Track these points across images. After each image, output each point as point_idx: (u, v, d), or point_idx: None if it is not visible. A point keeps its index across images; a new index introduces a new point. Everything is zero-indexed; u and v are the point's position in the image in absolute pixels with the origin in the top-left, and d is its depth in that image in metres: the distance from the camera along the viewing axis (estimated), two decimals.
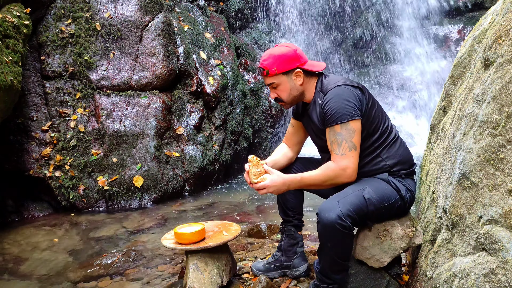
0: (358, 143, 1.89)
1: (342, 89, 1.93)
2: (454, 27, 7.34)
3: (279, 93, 2.07)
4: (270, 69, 2.01)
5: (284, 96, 2.07)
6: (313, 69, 2.04)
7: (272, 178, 1.91)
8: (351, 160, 1.88)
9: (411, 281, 2.04)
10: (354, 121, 1.88)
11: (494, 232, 1.43)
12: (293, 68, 2.01)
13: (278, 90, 2.06)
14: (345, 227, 1.78)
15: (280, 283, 2.29)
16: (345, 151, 1.87)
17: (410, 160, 2.08)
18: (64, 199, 4.27)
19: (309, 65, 2.05)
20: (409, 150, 2.12)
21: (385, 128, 2.04)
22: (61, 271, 2.91)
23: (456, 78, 2.20)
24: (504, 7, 1.64)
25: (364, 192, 1.88)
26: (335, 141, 1.89)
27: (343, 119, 1.87)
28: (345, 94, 1.91)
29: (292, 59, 2.01)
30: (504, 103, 1.45)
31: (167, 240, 2.25)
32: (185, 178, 4.76)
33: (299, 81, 2.03)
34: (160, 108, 4.76)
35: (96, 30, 4.74)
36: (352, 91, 1.93)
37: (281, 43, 2.10)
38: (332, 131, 1.91)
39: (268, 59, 2.03)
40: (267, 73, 2.02)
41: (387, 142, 2.02)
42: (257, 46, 7.05)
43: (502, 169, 1.45)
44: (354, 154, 1.88)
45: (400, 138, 2.12)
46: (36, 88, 4.51)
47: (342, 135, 1.87)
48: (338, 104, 1.89)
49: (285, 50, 2.02)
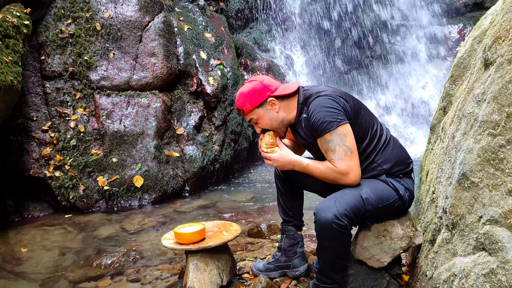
0: (353, 146, 1.87)
1: (323, 98, 1.93)
2: (454, 27, 7.34)
3: (262, 126, 2.09)
4: (244, 108, 2.04)
5: (268, 128, 2.08)
6: (285, 92, 2.04)
7: (281, 153, 1.99)
8: (350, 163, 1.86)
9: (411, 281, 2.04)
10: (342, 125, 1.87)
11: (494, 232, 1.43)
12: (265, 99, 2.03)
13: (260, 124, 2.08)
14: (342, 226, 1.78)
15: (280, 283, 2.29)
16: (341, 155, 1.86)
17: (407, 160, 2.07)
18: (64, 199, 4.27)
19: (281, 89, 2.06)
20: (404, 149, 2.11)
21: (375, 132, 2.03)
22: (61, 271, 2.91)
23: (456, 78, 2.20)
24: (504, 7, 1.64)
25: (361, 192, 1.88)
26: (329, 149, 1.88)
27: (331, 126, 1.86)
28: (326, 102, 1.91)
29: (260, 91, 2.03)
30: (504, 103, 1.45)
31: (167, 240, 2.25)
32: (185, 178, 4.76)
33: (276, 109, 2.04)
34: (160, 108, 4.76)
35: (96, 30, 4.74)
36: (334, 98, 1.93)
37: (249, 79, 2.12)
38: (323, 140, 1.90)
39: (240, 98, 2.06)
40: (243, 112, 2.06)
41: (380, 146, 2.02)
42: (257, 46, 7.06)
43: (502, 169, 1.45)
44: (351, 156, 1.86)
45: (392, 139, 2.10)
46: (36, 88, 4.51)
47: (334, 141, 1.86)
48: (322, 113, 1.88)
49: (252, 85, 2.04)
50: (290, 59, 7.23)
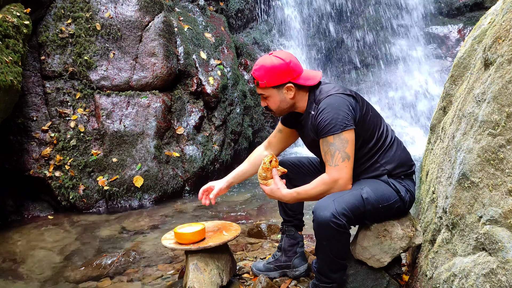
0: (351, 153, 1.87)
1: (334, 98, 1.91)
2: (454, 27, 7.33)
3: (269, 103, 2.05)
4: (260, 81, 1.97)
5: (274, 107, 2.06)
6: (306, 83, 1.99)
7: (271, 189, 1.97)
8: (344, 171, 1.86)
9: (411, 281, 2.04)
10: (347, 131, 1.85)
11: (494, 232, 1.43)
12: (285, 82, 1.97)
13: (268, 101, 2.04)
14: (340, 225, 1.78)
15: (280, 283, 2.29)
16: (338, 161, 1.85)
17: (409, 161, 2.07)
18: (64, 199, 4.27)
19: (303, 78, 2.00)
20: (407, 151, 2.11)
21: (381, 133, 2.03)
22: (61, 271, 2.91)
23: (456, 78, 2.20)
24: (504, 7, 1.64)
25: (362, 192, 1.88)
26: (328, 152, 1.88)
27: (336, 130, 1.85)
28: (337, 103, 1.89)
29: (284, 73, 1.95)
30: (504, 103, 1.45)
31: (167, 240, 2.25)
32: (185, 178, 4.76)
33: (290, 95, 1.99)
34: (160, 108, 4.76)
35: (96, 30, 4.74)
36: (345, 99, 1.90)
37: (276, 52, 2.02)
38: (325, 142, 1.89)
39: (259, 69, 1.97)
40: (258, 84, 1.99)
41: (384, 147, 2.01)
42: (257, 46, 7.05)
43: (502, 169, 1.45)
44: (347, 164, 1.86)
45: (397, 140, 2.10)
46: (36, 88, 4.51)
47: (335, 145, 1.85)
48: (330, 115, 1.86)
49: (277, 63, 1.95)
50: None
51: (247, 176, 2.35)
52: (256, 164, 2.29)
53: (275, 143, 2.30)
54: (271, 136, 2.32)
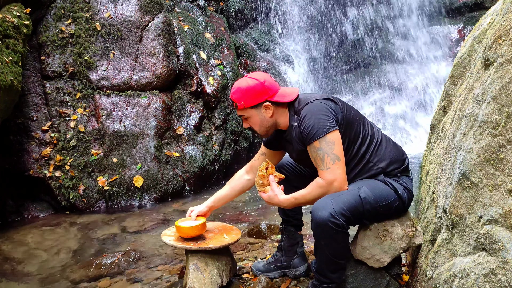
0: (340, 153, 1.87)
1: (313, 104, 1.94)
2: (454, 27, 7.34)
3: (251, 124, 2.08)
4: (238, 103, 2.01)
5: (256, 127, 2.08)
6: (283, 100, 2.02)
7: (269, 196, 2.01)
8: (338, 172, 1.86)
9: (411, 281, 2.04)
10: (331, 133, 1.87)
11: (494, 232, 1.43)
12: (261, 101, 2.00)
13: (249, 122, 2.07)
14: (338, 225, 1.78)
15: (280, 283, 2.29)
16: (329, 164, 1.85)
17: (402, 156, 2.08)
18: (64, 199, 4.27)
19: (280, 95, 2.03)
20: (398, 146, 2.12)
21: (366, 131, 2.04)
22: (61, 271, 2.91)
23: (456, 78, 2.20)
24: (504, 7, 1.64)
25: (360, 191, 1.88)
26: (317, 157, 1.88)
27: (320, 134, 1.86)
28: (316, 108, 1.91)
29: (260, 92, 1.99)
30: (504, 103, 1.45)
31: (167, 237, 2.25)
32: (185, 178, 4.76)
33: (269, 114, 2.03)
34: (160, 108, 4.76)
35: (96, 30, 4.74)
36: (323, 103, 1.93)
37: (251, 74, 2.07)
38: (312, 148, 1.90)
39: (236, 92, 2.02)
40: (236, 106, 2.03)
41: (373, 146, 2.02)
42: (257, 46, 7.06)
43: (502, 169, 1.45)
44: (339, 165, 1.86)
45: (385, 137, 2.11)
46: (36, 88, 4.51)
47: (323, 149, 1.86)
48: (311, 120, 1.89)
49: (253, 84, 2.00)
50: (290, 59, 7.23)
51: (227, 199, 2.37)
52: (236, 188, 2.33)
53: (258, 166, 2.31)
54: (253, 159, 2.33)
